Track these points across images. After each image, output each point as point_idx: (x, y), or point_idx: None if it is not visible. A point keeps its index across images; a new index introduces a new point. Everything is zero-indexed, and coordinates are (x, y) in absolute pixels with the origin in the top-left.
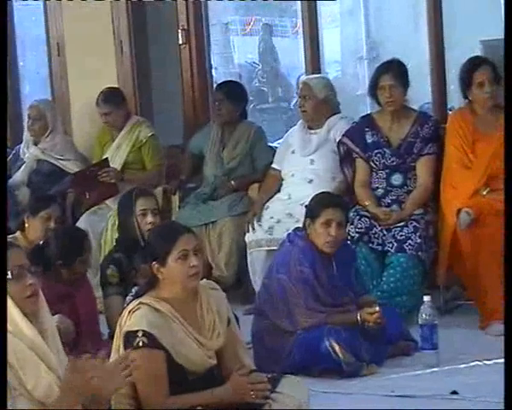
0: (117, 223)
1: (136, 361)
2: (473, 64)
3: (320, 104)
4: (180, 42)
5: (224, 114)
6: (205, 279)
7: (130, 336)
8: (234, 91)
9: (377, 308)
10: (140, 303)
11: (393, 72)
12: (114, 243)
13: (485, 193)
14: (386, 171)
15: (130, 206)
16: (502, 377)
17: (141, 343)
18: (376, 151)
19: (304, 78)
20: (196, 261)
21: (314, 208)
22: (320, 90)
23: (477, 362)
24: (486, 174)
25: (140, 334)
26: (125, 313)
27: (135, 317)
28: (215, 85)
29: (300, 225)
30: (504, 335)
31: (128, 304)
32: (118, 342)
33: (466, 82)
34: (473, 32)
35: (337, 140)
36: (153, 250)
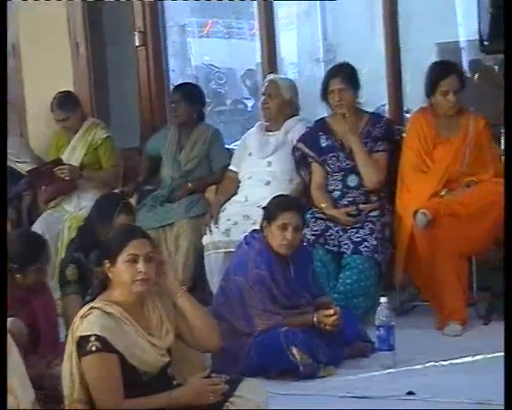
0: (79, 223)
1: (89, 366)
2: (441, 70)
3: (284, 104)
4: (137, 44)
5: (181, 116)
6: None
7: (82, 341)
8: (191, 93)
9: (332, 311)
10: (91, 308)
11: (343, 75)
12: (72, 243)
13: (443, 193)
14: (342, 173)
15: (111, 217)
16: (457, 377)
17: (94, 348)
18: (331, 155)
19: (271, 76)
20: (145, 268)
21: (271, 211)
22: (286, 90)
23: (433, 363)
24: (445, 178)
25: (92, 338)
26: (77, 318)
27: (87, 322)
28: (172, 87)
29: (257, 227)
30: (504, 334)
31: (85, 304)
32: (70, 347)
33: (431, 86)
34: (429, 35)
35: (294, 142)
36: (107, 249)
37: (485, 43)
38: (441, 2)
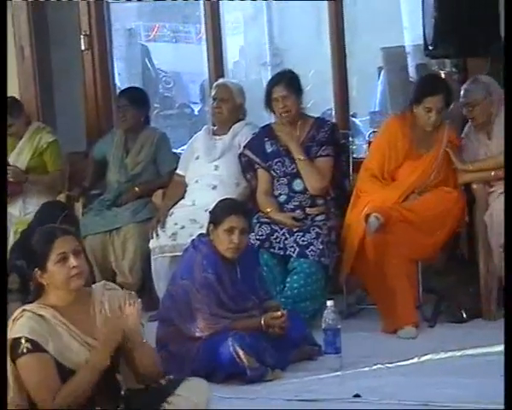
0: (21, 229)
1: (23, 368)
2: (429, 87)
3: (236, 109)
4: (83, 47)
5: (127, 121)
6: (103, 281)
7: (14, 344)
8: (137, 97)
9: (280, 313)
10: (23, 311)
11: (285, 82)
12: (14, 250)
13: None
14: (288, 177)
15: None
16: (403, 379)
17: (25, 350)
18: (276, 160)
19: (221, 81)
20: (76, 262)
21: (217, 215)
22: (238, 94)
23: (379, 365)
24: (407, 193)
25: (23, 341)
26: (10, 322)
27: (18, 324)
28: (118, 91)
29: (205, 230)
30: (504, 334)
31: None
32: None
33: (416, 99)
34: (374, 40)
35: (241, 146)
36: (33, 257)
37: (430, 47)
38: (387, 7)
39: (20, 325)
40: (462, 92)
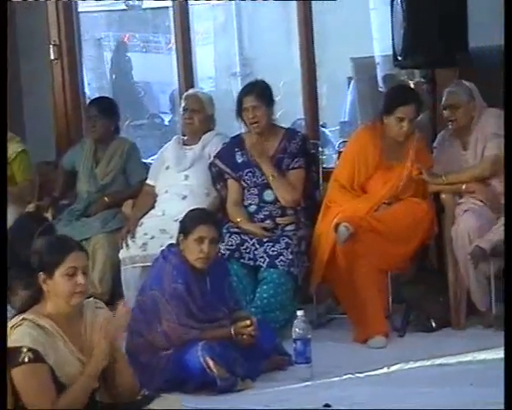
0: None
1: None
2: (401, 97)
3: (207, 119)
4: (52, 57)
5: (97, 130)
6: (92, 298)
7: (14, 352)
8: (107, 108)
9: (249, 321)
10: (23, 319)
11: (256, 92)
12: None
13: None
14: (258, 188)
15: (31, 239)
16: (373, 389)
17: (26, 359)
18: (247, 170)
19: (192, 91)
20: (83, 280)
21: (187, 225)
22: (209, 105)
23: (349, 375)
24: (378, 205)
25: (24, 350)
26: (8, 328)
27: (18, 333)
28: (88, 101)
29: (175, 241)
30: (504, 335)
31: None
32: None
33: (388, 109)
34: (344, 50)
35: (211, 156)
36: (41, 260)
37: (399, 58)
38: (357, 18)
39: (21, 333)
40: (445, 95)
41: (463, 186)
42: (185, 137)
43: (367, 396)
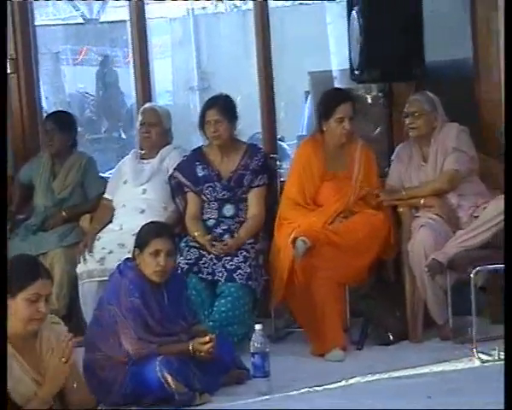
0: None
1: None
2: (336, 97)
3: (164, 133)
4: (8, 71)
5: (54, 145)
6: (49, 314)
7: None
8: (64, 122)
9: (208, 338)
10: None
11: (219, 106)
12: None
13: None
14: (218, 202)
15: None
16: (331, 402)
17: None
18: (207, 185)
19: (149, 105)
20: (44, 309)
21: (142, 238)
22: (166, 118)
23: (308, 388)
24: (332, 217)
25: None
26: None
27: None
28: (45, 115)
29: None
30: (504, 336)
31: None
32: None
33: (325, 113)
34: (301, 64)
35: (170, 170)
36: (9, 279)
37: (356, 72)
38: (314, 32)
39: None
40: (408, 102)
41: (421, 201)
42: (143, 152)
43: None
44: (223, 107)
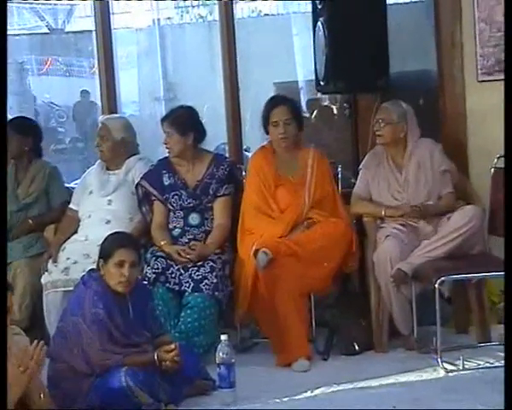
0: None
1: None
2: (271, 103)
3: (117, 145)
4: None
5: (12, 149)
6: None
7: None
8: (21, 126)
9: (173, 346)
10: None
11: (170, 120)
12: None
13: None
14: (184, 211)
15: None
16: None
17: None
18: (173, 193)
19: (102, 118)
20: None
21: (107, 249)
22: (117, 131)
23: (273, 399)
24: (292, 223)
25: None
26: None
27: None
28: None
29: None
30: (505, 337)
31: None
32: None
33: (264, 120)
34: (267, 75)
35: (135, 181)
36: None
37: (322, 83)
38: (280, 43)
39: None
40: (380, 109)
41: (383, 212)
42: (107, 162)
43: None
44: (173, 120)
